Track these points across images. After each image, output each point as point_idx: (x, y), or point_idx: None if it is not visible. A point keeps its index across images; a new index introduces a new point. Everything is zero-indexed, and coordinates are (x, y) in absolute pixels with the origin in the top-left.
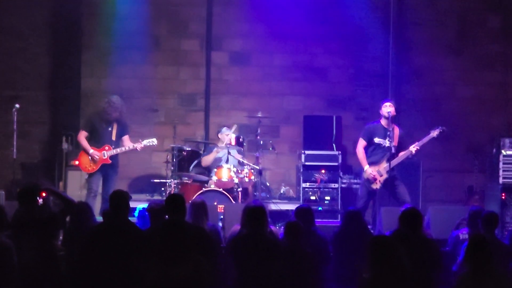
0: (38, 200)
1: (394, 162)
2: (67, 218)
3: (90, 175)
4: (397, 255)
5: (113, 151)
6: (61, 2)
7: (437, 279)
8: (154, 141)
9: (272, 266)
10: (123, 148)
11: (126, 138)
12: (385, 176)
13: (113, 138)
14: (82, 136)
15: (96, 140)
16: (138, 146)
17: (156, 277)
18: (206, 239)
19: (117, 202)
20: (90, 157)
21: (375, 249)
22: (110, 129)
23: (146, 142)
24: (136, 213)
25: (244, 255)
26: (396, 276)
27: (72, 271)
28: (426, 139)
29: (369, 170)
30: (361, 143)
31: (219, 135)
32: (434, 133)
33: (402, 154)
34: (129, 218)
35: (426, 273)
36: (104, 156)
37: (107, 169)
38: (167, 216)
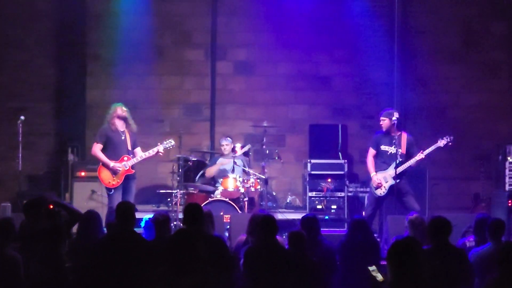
0: (43, 212)
1: (400, 168)
2: (73, 229)
3: (114, 191)
4: (418, 261)
5: (133, 160)
6: (65, 14)
7: None
8: (172, 142)
9: (287, 276)
10: (143, 155)
11: (138, 150)
12: (390, 182)
13: (129, 147)
14: (98, 149)
15: (112, 151)
16: (158, 149)
17: (164, 287)
18: (223, 249)
19: (124, 214)
20: (111, 171)
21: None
22: (123, 137)
23: (165, 144)
24: (142, 224)
25: (260, 266)
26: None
27: (78, 282)
28: (432, 148)
29: (374, 177)
30: (370, 152)
31: (221, 146)
32: (441, 142)
33: (408, 162)
34: (136, 229)
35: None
36: (126, 167)
37: (129, 181)
38: (183, 226)
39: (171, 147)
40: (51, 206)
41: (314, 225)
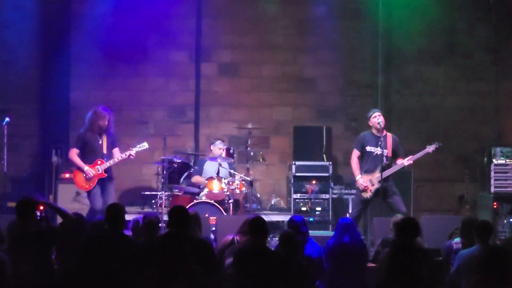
0: (35, 214)
1: (386, 173)
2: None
3: (89, 193)
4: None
5: (106, 164)
6: (49, 14)
7: None
8: (145, 145)
9: (275, 278)
10: (115, 159)
11: (116, 151)
12: (376, 185)
13: (104, 151)
14: (74, 153)
15: (88, 155)
16: (130, 153)
17: None
18: (210, 252)
19: (114, 216)
20: (84, 175)
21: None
22: (100, 142)
23: (137, 148)
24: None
25: (250, 267)
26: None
27: (67, 284)
28: (421, 154)
29: (360, 180)
30: (355, 153)
31: (212, 147)
32: (430, 149)
33: (395, 166)
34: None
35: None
36: (99, 171)
37: (104, 183)
38: (168, 228)
39: (145, 149)
40: (41, 207)
41: (301, 227)
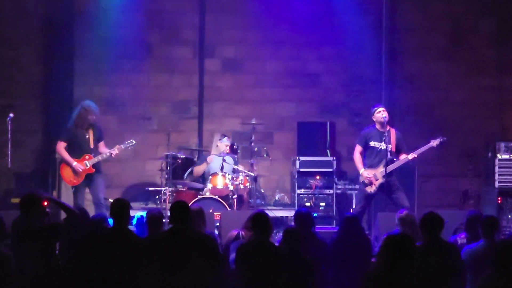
0: (39, 209)
1: (391, 167)
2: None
3: (76, 188)
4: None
5: (94, 159)
6: (53, 10)
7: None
8: (132, 142)
9: (279, 274)
10: (103, 155)
11: (101, 145)
12: (380, 180)
13: (91, 145)
14: (62, 147)
15: (75, 150)
16: (114, 152)
17: (156, 285)
18: (211, 247)
19: (119, 211)
20: (72, 169)
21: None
22: (87, 136)
23: (123, 145)
24: (134, 221)
25: (252, 263)
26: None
27: (71, 280)
28: (425, 148)
29: (365, 173)
30: (357, 148)
31: (219, 143)
32: (434, 142)
33: (399, 161)
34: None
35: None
36: (87, 166)
37: (92, 177)
38: (170, 224)
39: (131, 146)
40: (45, 203)
41: (307, 220)
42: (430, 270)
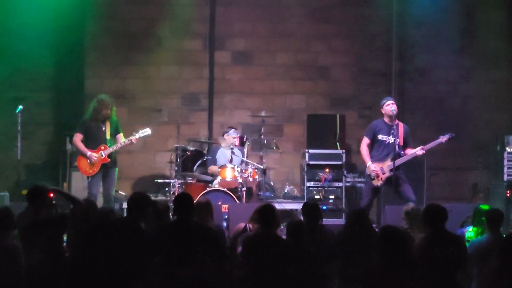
0: (46, 201)
1: (398, 161)
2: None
3: (91, 178)
4: (408, 247)
5: (110, 149)
6: (64, 4)
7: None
8: (147, 131)
9: (284, 266)
10: (118, 145)
11: (119, 137)
12: (387, 174)
13: (108, 136)
14: (78, 139)
15: (92, 141)
16: (133, 138)
17: (161, 277)
18: (215, 240)
19: (138, 206)
20: (88, 160)
21: (387, 238)
22: (103, 128)
23: (139, 134)
24: None
25: (258, 255)
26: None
27: (77, 271)
28: (434, 144)
29: (372, 166)
30: (365, 141)
31: (225, 136)
32: (443, 139)
33: (407, 155)
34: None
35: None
36: (102, 156)
37: (107, 169)
38: (174, 216)
39: (147, 136)
40: (51, 195)
41: (315, 212)
42: (434, 262)
